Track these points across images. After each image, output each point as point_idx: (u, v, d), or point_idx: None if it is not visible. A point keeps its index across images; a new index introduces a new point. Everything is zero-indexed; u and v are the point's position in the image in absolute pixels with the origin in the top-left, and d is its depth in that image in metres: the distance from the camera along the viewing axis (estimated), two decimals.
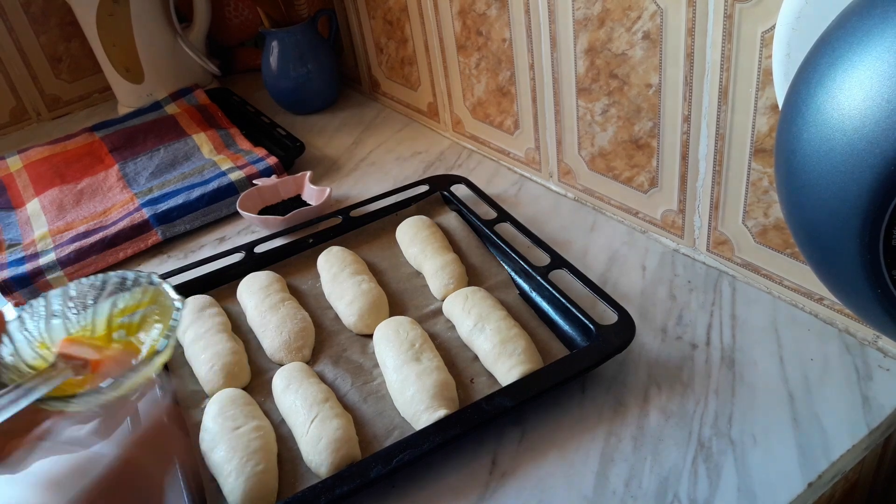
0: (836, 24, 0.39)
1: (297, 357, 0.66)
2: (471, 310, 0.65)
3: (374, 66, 1.14)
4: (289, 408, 0.59)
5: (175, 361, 0.67)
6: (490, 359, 0.61)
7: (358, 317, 0.68)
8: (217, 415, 0.58)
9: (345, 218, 0.82)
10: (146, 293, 0.53)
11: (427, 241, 0.75)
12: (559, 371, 0.58)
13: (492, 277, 0.72)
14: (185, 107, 1.17)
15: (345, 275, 0.72)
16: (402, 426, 0.58)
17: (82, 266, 0.84)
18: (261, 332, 0.68)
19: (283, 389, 0.61)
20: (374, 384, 0.63)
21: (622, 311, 0.62)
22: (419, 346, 0.62)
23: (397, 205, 0.83)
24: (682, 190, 0.70)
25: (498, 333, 0.62)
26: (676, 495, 0.51)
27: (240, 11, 1.29)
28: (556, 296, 0.66)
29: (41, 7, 1.23)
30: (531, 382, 0.57)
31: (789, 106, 0.40)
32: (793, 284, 0.64)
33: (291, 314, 0.68)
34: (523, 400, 0.56)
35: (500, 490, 0.54)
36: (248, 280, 0.74)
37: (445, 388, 0.58)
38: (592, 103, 0.75)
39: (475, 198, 0.83)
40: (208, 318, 0.69)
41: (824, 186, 0.37)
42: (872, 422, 0.54)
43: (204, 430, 0.58)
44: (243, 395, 0.61)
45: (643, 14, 0.65)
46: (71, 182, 1.00)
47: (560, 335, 0.64)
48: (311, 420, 0.57)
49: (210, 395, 0.62)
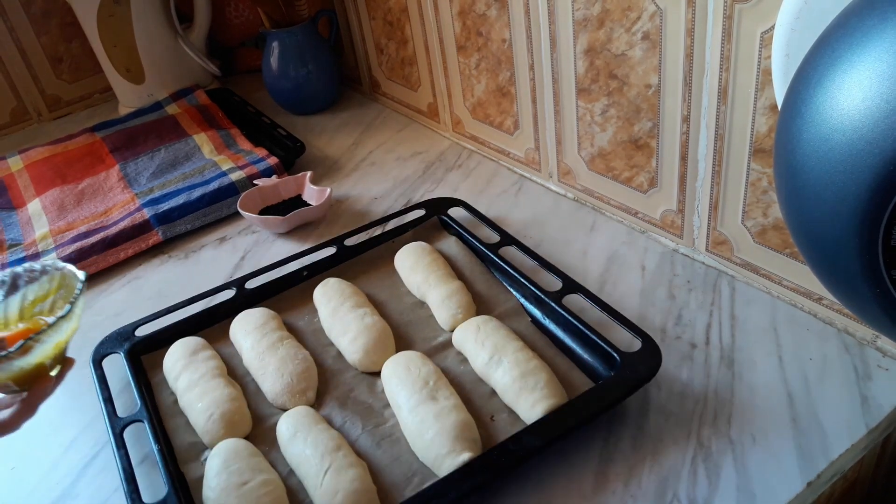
0: (835, 25, 0.39)
1: (301, 401, 0.61)
2: (484, 341, 0.62)
3: (374, 67, 1.14)
4: (298, 458, 0.55)
5: (168, 411, 0.63)
6: (510, 394, 0.58)
7: (363, 353, 0.64)
8: (221, 469, 0.54)
9: (339, 247, 0.77)
10: (53, 280, 0.55)
11: (429, 269, 0.71)
12: (587, 406, 0.54)
13: (500, 305, 0.69)
14: (186, 107, 1.17)
15: (345, 308, 0.68)
16: (422, 472, 0.55)
17: (83, 266, 0.84)
18: (259, 374, 0.64)
19: (291, 438, 0.57)
20: (387, 427, 0.59)
21: (646, 336, 0.59)
22: (433, 383, 0.59)
23: (393, 231, 0.79)
24: (681, 190, 0.70)
25: (517, 366, 0.58)
26: (676, 495, 0.51)
27: (240, 12, 1.29)
28: (573, 322, 0.62)
29: (42, 7, 1.23)
30: (559, 419, 0.54)
31: (788, 106, 0.40)
32: (792, 284, 0.64)
33: (292, 354, 0.64)
34: (552, 438, 0.53)
35: (500, 490, 0.54)
36: (241, 318, 0.69)
37: (467, 429, 0.55)
38: (592, 104, 0.75)
39: (475, 220, 0.79)
40: (202, 362, 0.64)
41: (823, 186, 0.37)
42: (871, 421, 0.54)
43: (207, 488, 0.54)
44: (247, 446, 0.57)
45: (643, 14, 0.65)
46: (72, 182, 1.00)
47: (579, 364, 0.61)
48: (325, 471, 0.53)
49: (210, 447, 0.58)
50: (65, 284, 0.54)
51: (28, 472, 0.61)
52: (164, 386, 0.65)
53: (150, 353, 0.69)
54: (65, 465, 0.61)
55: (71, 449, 0.63)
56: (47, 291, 0.55)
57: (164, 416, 0.62)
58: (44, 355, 0.49)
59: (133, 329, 0.70)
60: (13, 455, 0.63)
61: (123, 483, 0.55)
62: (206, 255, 0.86)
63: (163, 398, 0.64)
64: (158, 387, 0.65)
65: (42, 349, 0.48)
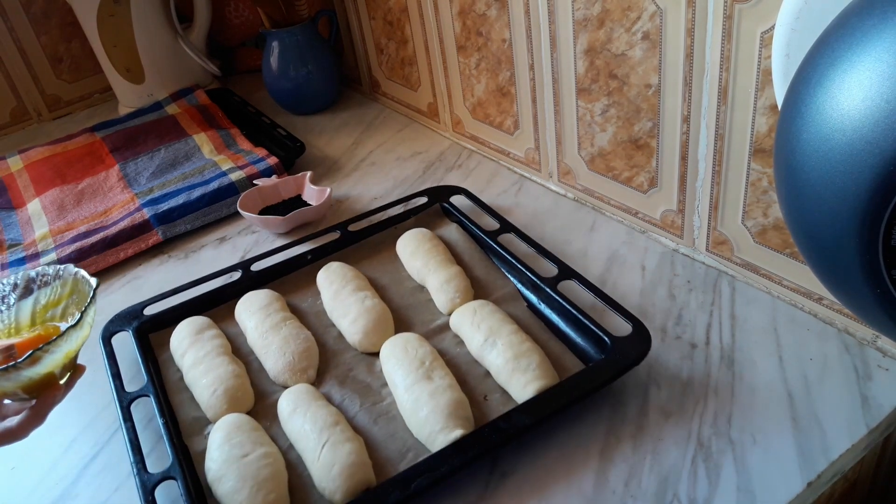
0: (835, 25, 0.39)
1: (302, 378, 0.64)
2: (480, 324, 0.64)
3: (374, 67, 1.14)
4: (297, 432, 0.57)
5: (174, 387, 0.65)
6: (503, 375, 0.60)
7: (363, 334, 0.66)
8: (223, 442, 0.56)
9: (343, 232, 0.79)
10: (66, 284, 0.55)
11: (430, 255, 0.73)
12: (577, 386, 0.56)
13: (498, 290, 0.71)
14: (186, 107, 1.17)
15: (347, 291, 0.70)
16: (417, 448, 0.56)
17: (83, 266, 0.84)
18: (262, 353, 0.66)
19: (290, 413, 0.59)
20: (384, 404, 0.61)
21: (637, 321, 0.61)
22: (429, 363, 0.61)
23: (396, 218, 0.81)
24: (681, 190, 0.70)
25: (510, 348, 0.60)
26: (676, 495, 0.51)
27: (240, 12, 1.29)
28: (566, 307, 0.64)
29: (42, 7, 1.23)
30: (549, 399, 0.56)
31: (789, 106, 0.40)
32: (792, 284, 0.64)
33: (294, 334, 0.66)
34: (542, 417, 0.54)
35: (500, 490, 0.54)
36: (246, 299, 0.71)
37: (460, 407, 0.57)
38: (592, 103, 0.75)
39: (476, 208, 0.82)
40: (207, 340, 0.67)
41: (824, 186, 0.37)
42: (871, 421, 0.54)
43: (209, 459, 0.56)
44: (249, 421, 0.59)
45: (643, 14, 0.65)
46: (71, 182, 1.00)
47: (572, 347, 0.63)
48: (322, 445, 0.55)
49: (213, 421, 0.60)
50: (77, 290, 0.54)
51: (28, 472, 0.61)
52: (171, 363, 0.68)
53: (157, 331, 0.71)
54: (65, 465, 0.61)
55: (71, 449, 0.63)
56: (60, 296, 0.55)
57: (170, 391, 0.64)
58: (53, 365, 0.49)
59: (142, 308, 0.72)
60: (13, 455, 0.63)
61: (130, 454, 0.56)
62: (205, 255, 0.86)
63: (169, 374, 0.66)
64: (165, 364, 0.68)
65: (51, 359, 0.48)
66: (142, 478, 0.54)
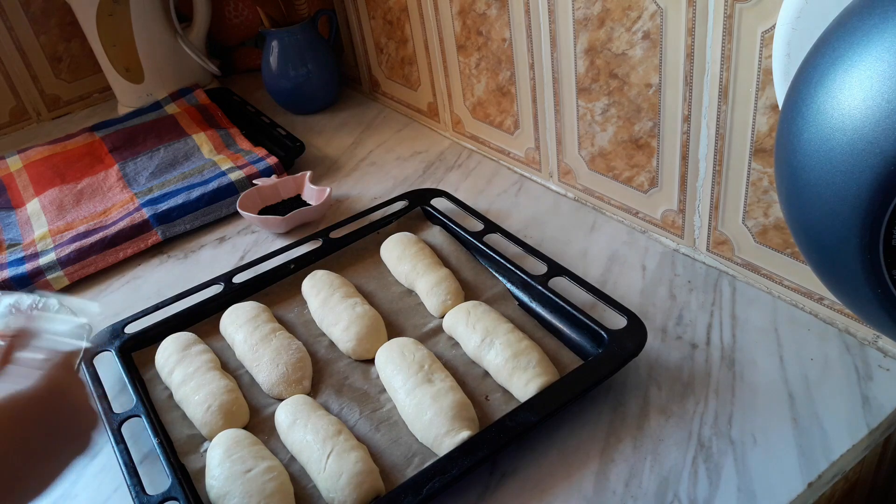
0: (836, 24, 0.39)
1: (298, 390, 0.63)
2: (475, 324, 0.63)
3: (374, 66, 1.14)
4: (299, 444, 0.57)
5: (163, 406, 0.63)
6: (504, 374, 0.60)
7: (356, 342, 0.65)
8: (223, 458, 0.55)
9: (325, 240, 0.78)
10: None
11: (417, 258, 0.73)
12: (580, 381, 0.57)
13: (488, 290, 0.70)
14: (185, 107, 1.17)
15: (335, 299, 0.69)
16: (422, 452, 0.56)
17: (82, 266, 0.84)
18: (254, 366, 0.65)
19: (290, 425, 0.58)
20: (384, 411, 0.60)
21: (630, 314, 0.61)
22: (428, 366, 0.60)
23: (378, 223, 0.80)
24: (682, 190, 0.70)
25: (509, 347, 0.60)
26: (676, 495, 0.51)
27: (240, 11, 1.29)
28: (560, 304, 0.64)
29: (41, 7, 1.22)
30: (552, 395, 0.56)
31: (789, 106, 0.40)
32: (793, 284, 0.64)
33: (285, 345, 0.65)
34: (548, 414, 0.55)
35: (500, 490, 0.54)
36: (232, 312, 0.70)
37: (464, 409, 0.57)
38: (592, 103, 0.75)
39: (458, 210, 0.81)
40: (195, 356, 0.65)
41: (824, 186, 0.37)
42: (872, 421, 0.54)
43: (210, 477, 0.55)
44: (247, 435, 0.58)
45: (643, 14, 0.65)
46: (71, 182, 1.00)
47: (568, 344, 0.63)
48: (327, 455, 0.54)
49: (209, 438, 0.59)
50: None
51: None
52: (157, 381, 0.66)
53: (140, 349, 0.69)
54: None
55: None
56: None
57: (160, 410, 0.63)
58: None
59: (122, 326, 0.70)
60: None
61: (126, 477, 0.55)
62: (205, 255, 0.86)
63: (156, 393, 0.65)
64: (151, 383, 0.66)
65: None
66: (141, 500, 0.53)
